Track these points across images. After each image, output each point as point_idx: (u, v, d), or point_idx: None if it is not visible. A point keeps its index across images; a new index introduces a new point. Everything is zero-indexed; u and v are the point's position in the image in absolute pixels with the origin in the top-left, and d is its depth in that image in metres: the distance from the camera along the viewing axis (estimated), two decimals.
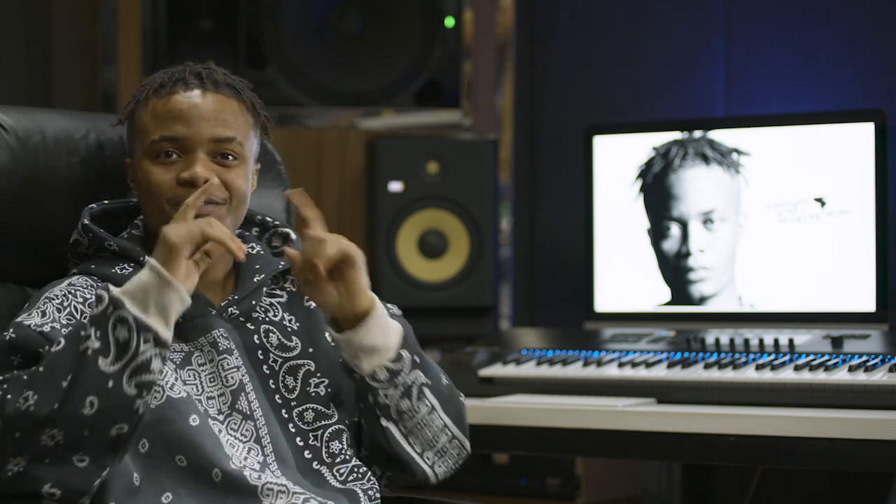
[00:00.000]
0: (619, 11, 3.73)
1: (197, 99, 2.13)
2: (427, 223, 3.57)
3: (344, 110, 3.67)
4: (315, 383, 2.18)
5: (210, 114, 2.13)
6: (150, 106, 2.14)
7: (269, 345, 2.17)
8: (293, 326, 2.21)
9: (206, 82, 2.15)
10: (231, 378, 2.11)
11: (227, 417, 2.09)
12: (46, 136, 2.27)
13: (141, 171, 2.13)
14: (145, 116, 2.14)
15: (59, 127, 2.29)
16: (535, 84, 3.84)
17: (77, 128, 2.31)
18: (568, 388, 2.87)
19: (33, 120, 2.28)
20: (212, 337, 2.12)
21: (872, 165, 2.96)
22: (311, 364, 2.19)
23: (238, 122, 2.16)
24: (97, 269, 2.13)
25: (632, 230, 3.21)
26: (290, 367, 2.17)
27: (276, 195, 2.51)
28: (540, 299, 3.82)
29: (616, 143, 3.25)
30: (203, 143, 2.12)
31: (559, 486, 3.37)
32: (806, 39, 3.43)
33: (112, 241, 2.15)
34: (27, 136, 2.25)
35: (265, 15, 3.63)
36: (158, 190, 2.11)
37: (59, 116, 2.33)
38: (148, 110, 2.14)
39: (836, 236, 3.00)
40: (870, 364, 2.66)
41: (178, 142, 2.11)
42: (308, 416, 2.16)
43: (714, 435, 2.62)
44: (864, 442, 2.49)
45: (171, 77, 2.15)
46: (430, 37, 3.71)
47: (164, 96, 2.13)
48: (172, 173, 2.11)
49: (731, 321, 3.08)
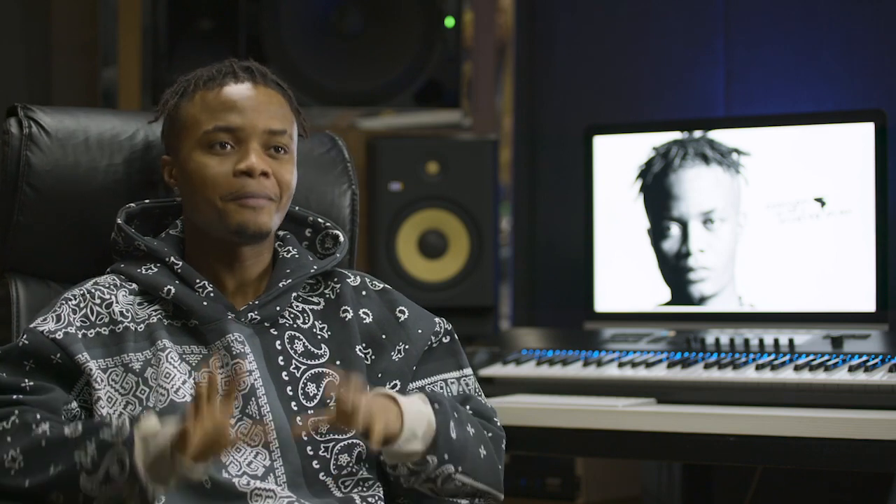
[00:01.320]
0: (619, 11, 3.73)
1: (250, 91, 2.13)
2: (427, 223, 3.57)
3: (344, 110, 3.67)
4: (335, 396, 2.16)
5: (263, 106, 2.13)
6: (198, 98, 2.13)
7: (292, 351, 2.14)
8: (324, 335, 2.18)
9: (256, 75, 2.16)
10: (243, 382, 2.09)
11: (238, 422, 2.08)
12: (89, 137, 2.28)
13: (192, 164, 2.11)
14: (193, 109, 2.13)
15: (105, 127, 2.30)
16: (535, 84, 3.84)
17: (124, 128, 2.32)
18: (568, 388, 2.87)
19: (76, 121, 2.29)
20: (226, 341, 2.10)
21: (872, 165, 2.96)
22: (335, 377, 2.15)
23: (286, 117, 2.16)
24: (126, 269, 2.14)
25: (632, 230, 3.21)
26: (313, 375, 2.15)
27: (342, 192, 2.50)
28: (540, 299, 3.82)
29: (616, 143, 3.25)
30: (257, 133, 2.11)
31: (559, 486, 3.37)
32: (806, 39, 3.43)
33: (141, 241, 2.14)
34: (68, 136, 2.26)
35: (265, 15, 3.63)
36: (213, 182, 2.09)
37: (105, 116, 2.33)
38: (196, 103, 2.13)
39: (836, 236, 3.00)
40: (870, 364, 2.66)
41: (233, 132, 2.10)
42: (322, 426, 2.13)
43: (714, 435, 2.62)
44: (864, 442, 2.49)
45: (218, 71, 2.15)
46: (430, 37, 3.70)
47: (214, 88, 2.13)
48: (227, 165, 2.10)
49: (731, 321, 3.08)
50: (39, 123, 2.25)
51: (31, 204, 2.24)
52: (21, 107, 2.26)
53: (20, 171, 2.23)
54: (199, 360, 2.09)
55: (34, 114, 2.26)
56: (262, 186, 2.10)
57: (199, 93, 2.13)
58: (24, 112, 2.25)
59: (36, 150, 2.24)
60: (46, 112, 2.27)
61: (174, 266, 2.13)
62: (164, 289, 2.10)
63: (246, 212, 2.10)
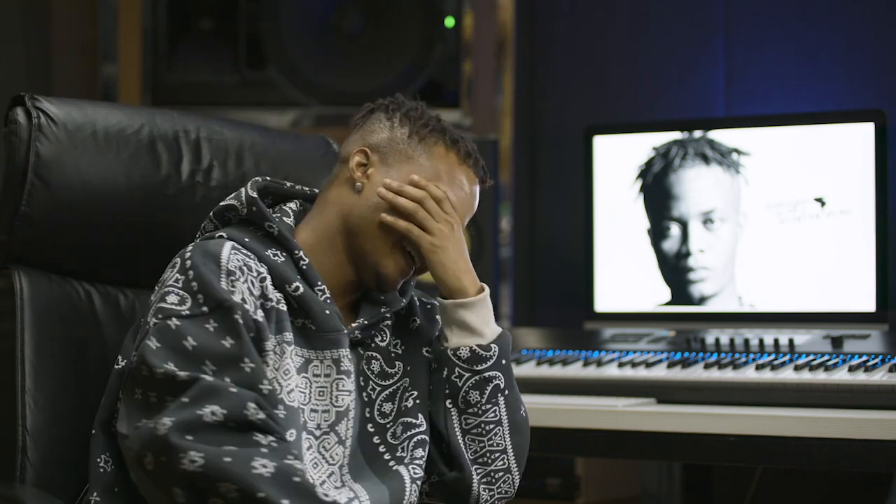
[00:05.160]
0: (619, 11, 3.73)
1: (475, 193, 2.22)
2: None
3: (344, 110, 3.67)
4: (406, 397, 2.18)
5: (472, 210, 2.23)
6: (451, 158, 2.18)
7: (370, 372, 2.15)
8: (398, 351, 2.20)
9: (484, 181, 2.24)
10: (342, 400, 2.09)
11: (324, 435, 2.07)
12: (97, 130, 2.26)
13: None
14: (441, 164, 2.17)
15: (111, 121, 2.29)
16: (535, 84, 3.84)
17: (130, 122, 2.30)
18: (568, 388, 2.87)
19: (83, 113, 2.27)
20: (337, 354, 2.09)
21: (872, 165, 2.96)
22: (406, 381, 2.18)
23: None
24: (251, 245, 2.08)
25: (632, 230, 3.21)
26: (388, 395, 2.16)
27: None
28: (540, 299, 3.82)
29: (616, 143, 3.25)
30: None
31: (559, 486, 3.37)
32: (806, 39, 3.43)
33: (274, 225, 2.10)
34: (77, 129, 2.24)
35: (265, 15, 3.63)
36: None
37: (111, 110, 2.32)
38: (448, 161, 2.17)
39: (836, 236, 3.00)
40: (870, 364, 2.66)
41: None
42: (398, 430, 2.15)
43: (714, 435, 2.62)
44: (864, 442, 2.49)
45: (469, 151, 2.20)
46: (430, 37, 3.71)
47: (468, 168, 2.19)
48: None
49: (731, 321, 3.08)
50: (48, 114, 2.22)
51: (38, 195, 2.20)
52: (28, 96, 2.22)
53: (29, 161, 2.20)
54: (302, 363, 2.07)
55: (42, 104, 2.22)
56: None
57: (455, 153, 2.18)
58: (32, 102, 2.22)
59: (45, 140, 2.21)
60: (53, 103, 2.24)
61: (300, 262, 2.10)
62: (292, 284, 2.07)
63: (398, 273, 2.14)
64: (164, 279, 2.02)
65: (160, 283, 2.04)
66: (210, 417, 1.88)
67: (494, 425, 2.17)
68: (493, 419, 2.16)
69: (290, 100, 3.63)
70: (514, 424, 2.19)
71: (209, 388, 1.90)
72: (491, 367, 2.15)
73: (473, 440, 2.16)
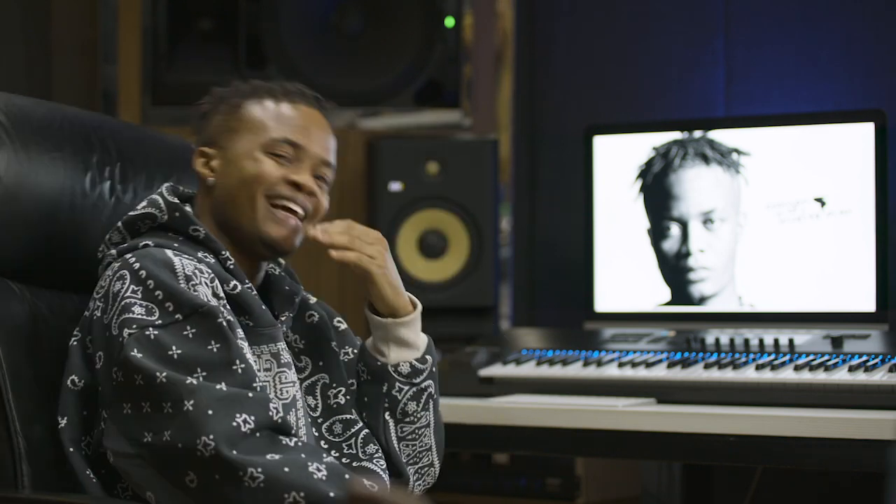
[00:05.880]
0: (619, 11, 3.73)
1: (319, 119, 2.21)
2: (427, 223, 3.57)
3: (344, 110, 3.67)
4: (334, 394, 2.21)
5: (324, 138, 2.21)
6: (269, 105, 2.18)
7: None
8: (300, 346, 2.23)
9: (322, 106, 2.23)
10: (286, 392, 2.11)
11: None
12: (33, 125, 2.21)
13: (247, 159, 2.14)
14: (265, 114, 2.17)
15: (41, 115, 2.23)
16: (535, 84, 3.84)
17: (53, 118, 2.25)
18: (568, 388, 2.87)
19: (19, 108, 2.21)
20: (276, 348, 2.12)
21: (872, 165, 2.96)
22: (325, 377, 2.21)
23: (334, 154, 2.24)
24: (181, 249, 2.08)
25: (632, 230, 3.21)
26: (307, 387, 2.20)
27: None
28: (540, 299, 3.82)
29: (616, 143, 3.25)
30: (314, 159, 2.18)
31: (559, 486, 3.37)
32: (806, 39, 3.43)
33: (200, 228, 2.13)
34: (18, 123, 2.19)
35: (265, 15, 3.63)
36: (264, 178, 2.13)
37: (39, 106, 2.26)
38: (267, 108, 2.17)
39: (836, 236, 3.00)
40: (870, 364, 2.66)
41: (297, 149, 2.16)
42: (336, 428, 2.18)
43: (714, 435, 2.62)
44: (864, 442, 2.49)
45: (293, 88, 2.21)
46: (430, 37, 3.70)
47: (292, 102, 2.19)
48: (282, 171, 2.15)
49: (731, 321, 3.08)
50: None
51: None
52: None
53: None
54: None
55: None
56: (305, 203, 2.16)
57: (271, 100, 2.18)
58: None
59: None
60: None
61: (227, 262, 2.12)
62: (230, 283, 2.08)
63: (280, 227, 2.14)
64: (117, 292, 2.00)
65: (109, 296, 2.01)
66: (245, 427, 1.88)
67: (424, 428, 2.24)
68: (424, 424, 2.24)
69: None
70: (437, 423, 2.27)
71: (227, 396, 1.90)
72: (426, 377, 2.22)
73: (407, 445, 2.23)
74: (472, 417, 2.81)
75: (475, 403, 2.83)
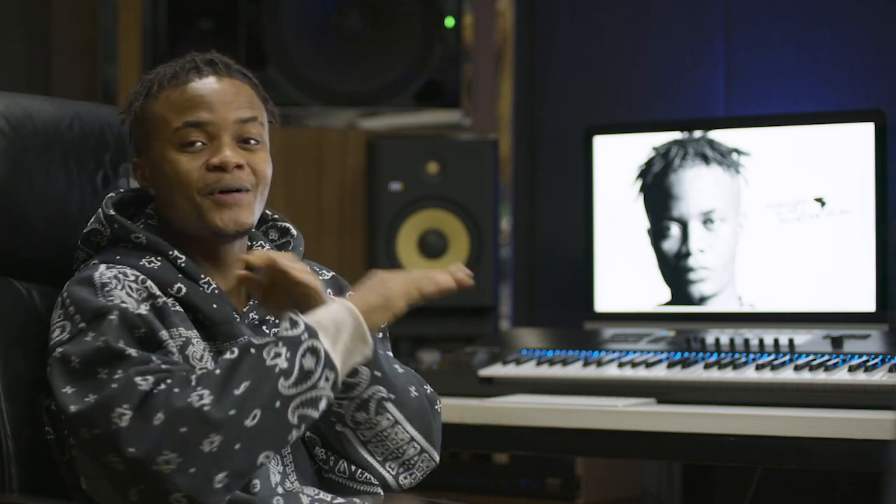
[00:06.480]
0: (619, 11, 3.73)
1: (215, 84, 2.10)
2: (427, 223, 3.57)
3: (344, 110, 3.67)
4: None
5: (230, 97, 2.10)
6: (163, 98, 2.10)
7: None
8: None
9: (219, 67, 2.12)
10: None
11: None
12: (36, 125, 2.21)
13: (165, 163, 2.08)
14: (160, 108, 2.09)
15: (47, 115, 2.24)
16: (535, 84, 3.84)
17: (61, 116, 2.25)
18: (568, 388, 2.87)
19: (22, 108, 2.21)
20: (236, 344, 2.05)
21: (872, 165, 2.96)
22: None
23: (255, 105, 2.13)
24: (123, 260, 2.07)
25: (632, 230, 3.21)
26: None
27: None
28: (540, 299, 3.82)
29: (616, 143, 3.25)
30: (228, 126, 2.08)
31: (559, 486, 3.37)
32: (806, 39, 3.43)
33: (140, 234, 2.09)
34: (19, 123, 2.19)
35: (265, 15, 3.63)
36: (188, 179, 2.07)
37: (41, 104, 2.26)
38: (161, 101, 2.10)
39: (836, 236, 3.00)
40: (870, 364, 2.66)
41: (203, 126, 2.07)
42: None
43: (714, 435, 2.62)
44: (864, 442, 2.49)
45: (181, 67, 2.11)
46: (430, 37, 3.70)
47: (179, 86, 2.09)
48: (200, 161, 2.07)
49: (731, 321, 3.08)
50: None
51: None
52: None
53: None
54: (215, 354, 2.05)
55: None
56: (237, 179, 2.08)
57: (163, 92, 2.10)
58: None
59: None
60: None
61: (177, 261, 2.08)
62: (174, 286, 2.06)
63: (224, 211, 2.07)
64: (51, 321, 2.04)
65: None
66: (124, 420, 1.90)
67: (391, 427, 2.12)
68: (388, 425, 2.12)
69: (290, 100, 3.63)
70: (411, 414, 2.13)
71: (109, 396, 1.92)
72: (366, 387, 2.09)
73: (377, 446, 2.13)
74: (472, 417, 2.81)
75: (475, 403, 2.83)
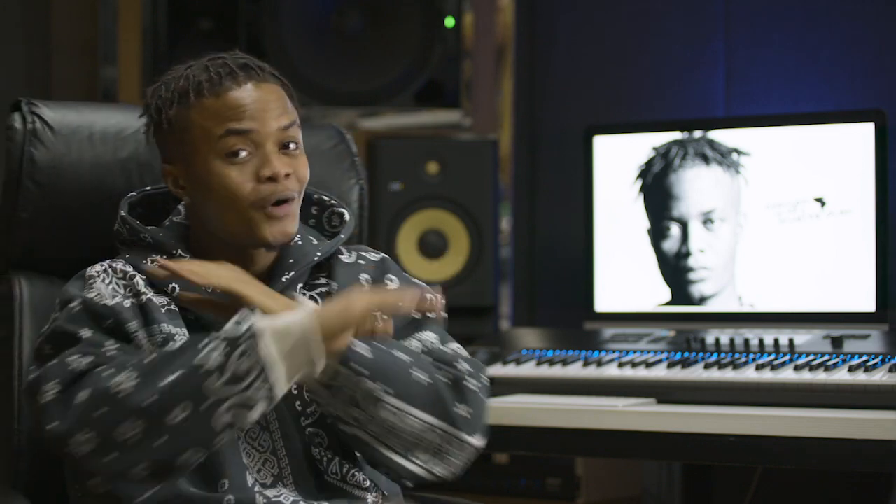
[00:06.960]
0: (619, 11, 3.73)
1: (254, 91, 2.07)
2: (427, 223, 3.57)
3: (344, 110, 3.67)
4: None
5: (270, 104, 2.07)
6: (201, 106, 2.05)
7: None
8: None
9: (255, 72, 2.09)
10: None
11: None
12: (94, 133, 2.27)
13: (212, 176, 2.04)
14: (198, 117, 2.05)
15: (110, 122, 2.29)
16: (535, 84, 3.84)
17: (129, 123, 2.30)
18: (568, 388, 2.87)
19: (80, 115, 2.28)
20: None
21: (872, 165, 2.96)
22: None
23: (291, 108, 2.11)
24: (130, 259, 2.08)
25: (632, 230, 3.21)
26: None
27: (350, 187, 2.51)
28: (540, 299, 3.82)
29: (616, 143, 3.25)
30: (272, 134, 2.05)
31: (559, 486, 3.37)
32: (806, 39, 3.43)
33: (146, 233, 2.10)
34: (72, 132, 2.26)
35: (265, 15, 3.63)
36: (240, 193, 2.03)
37: (110, 111, 2.33)
38: (199, 110, 2.05)
39: (836, 236, 3.00)
40: (870, 364, 2.66)
41: (249, 135, 2.04)
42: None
43: (714, 435, 2.62)
44: (864, 442, 2.49)
45: (216, 73, 2.07)
46: (430, 37, 3.70)
47: (218, 94, 2.05)
48: (248, 172, 2.04)
49: (731, 321, 3.08)
50: (43, 118, 2.24)
51: (34, 199, 2.23)
52: (25, 102, 2.25)
53: (23, 166, 2.22)
54: None
55: (38, 109, 2.25)
56: (287, 188, 2.05)
57: (201, 100, 2.06)
58: (29, 107, 2.25)
59: (39, 145, 2.23)
60: (50, 107, 2.26)
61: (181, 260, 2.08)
62: (168, 286, 2.05)
63: (275, 224, 2.05)
64: None
65: None
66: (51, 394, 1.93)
67: (395, 417, 2.01)
68: (391, 416, 2.00)
69: None
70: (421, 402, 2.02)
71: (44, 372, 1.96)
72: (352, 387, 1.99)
73: (391, 439, 2.02)
74: None
75: None
